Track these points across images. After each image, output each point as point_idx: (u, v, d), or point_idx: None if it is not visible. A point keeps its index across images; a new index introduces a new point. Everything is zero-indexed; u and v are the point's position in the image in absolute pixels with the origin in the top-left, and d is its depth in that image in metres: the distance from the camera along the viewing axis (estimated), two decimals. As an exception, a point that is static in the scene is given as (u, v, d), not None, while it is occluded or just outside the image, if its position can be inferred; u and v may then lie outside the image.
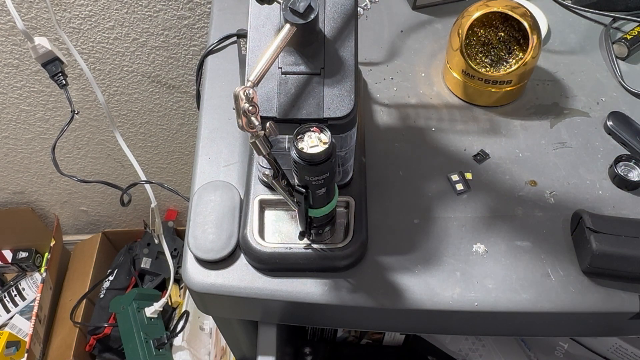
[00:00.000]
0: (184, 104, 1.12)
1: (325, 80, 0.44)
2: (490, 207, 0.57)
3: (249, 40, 0.45)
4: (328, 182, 0.43)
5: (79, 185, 1.37)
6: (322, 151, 0.39)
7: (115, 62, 1.01)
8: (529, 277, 0.52)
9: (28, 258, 1.52)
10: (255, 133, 0.38)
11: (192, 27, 0.95)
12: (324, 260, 0.51)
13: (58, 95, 1.08)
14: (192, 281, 0.53)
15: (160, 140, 1.23)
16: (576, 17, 0.73)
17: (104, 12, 0.91)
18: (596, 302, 0.51)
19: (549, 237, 0.55)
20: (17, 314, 1.45)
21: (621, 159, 0.58)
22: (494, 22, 0.62)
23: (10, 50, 0.97)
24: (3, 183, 1.35)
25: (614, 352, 0.84)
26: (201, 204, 0.55)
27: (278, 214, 0.54)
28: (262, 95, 0.44)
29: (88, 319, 1.35)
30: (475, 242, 0.54)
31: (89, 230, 1.57)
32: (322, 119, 0.43)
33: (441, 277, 0.52)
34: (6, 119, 1.13)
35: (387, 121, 0.63)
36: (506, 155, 0.60)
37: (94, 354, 1.34)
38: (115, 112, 1.12)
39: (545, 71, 0.67)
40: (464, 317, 0.52)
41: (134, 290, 1.25)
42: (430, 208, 0.56)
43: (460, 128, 0.63)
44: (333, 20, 0.45)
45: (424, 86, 0.66)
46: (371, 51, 0.69)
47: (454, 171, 0.59)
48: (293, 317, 0.57)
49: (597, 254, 0.49)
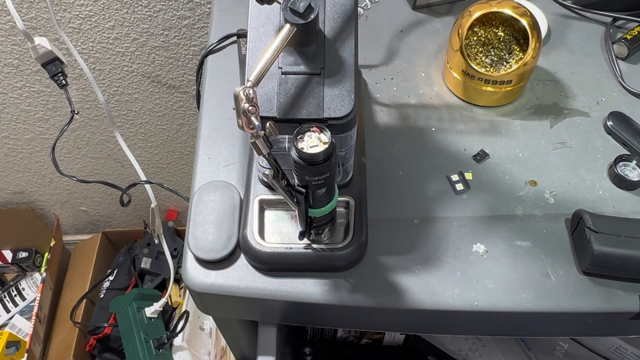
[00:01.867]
0: (184, 104, 1.12)
1: (325, 80, 0.44)
2: (490, 207, 0.57)
3: (249, 40, 0.45)
4: (328, 182, 0.43)
5: (79, 185, 1.37)
6: (322, 151, 0.39)
7: (115, 62, 1.01)
8: (529, 277, 0.52)
9: (28, 258, 1.52)
10: (255, 133, 0.38)
11: (192, 27, 0.95)
12: (324, 260, 0.51)
13: (58, 95, 1.08)
14: (192, 281, 0.53)
15: (160, 140, 1.23)
16: (576, 17, 0.73)
17: (104, 12, 0.91)
18: (596, 302, 0.51)
19: (549, 237, 0.55)
20: (17, 314, 1.45)
21: (621, 159, 0.58)
22: (494, 22, 0.62)
23: (10, 50, 0.97)
24: (3, 183, 1.35)
25: (614, 352, 0.84)
26: (201, 204, 0.55)
27: (278, 214, 0.54)
28: (262, 95, 0.44)
29: (88, 319, 1.35)
30: (475, 242, 0.54)
31: (89, 230, 1.57)
32: (322, 119, 0.43)
33: (441, 277, 0.52)
34: (6, 119, 1.13)
35: (387, 121, 0.63)
36: (506, 155, 0.60)
37: (94, 354, 1.34)
38: (115, 112, 1.12)
39: (545, 71, 0.67)
40: (464, 317, 0.52)
41: (134, 290, 1.25)
42: (430, 208, 0.56)
43: (460, 128, 0.63)
44: (333, 20, 0.45)
45: (424, 86, 0.66)
46: (371, 51, 0.69)
47: (454, 171, 0.59)
48: (293, 317, 0.57)
49: (597, 254, 0.49)
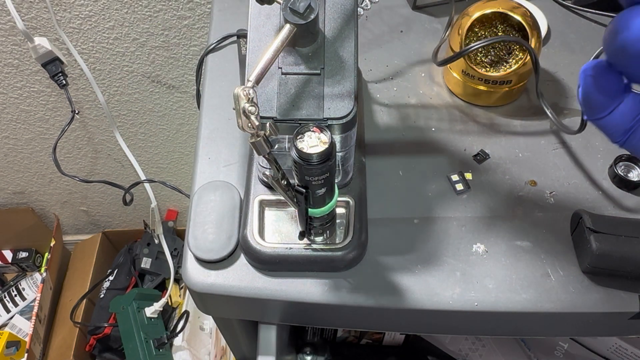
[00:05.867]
0: (184, 104, 1.12)
1: (325, 80, 0.44)
2: (490, 207, 0.57)
3: (249, 40, 0.45)
4: (328, 182, 0.43)
5: (79, 185, 1.37)
6: (322, 151, 0.39)
7: (115, 62, 1.01)
8: (529, 277, 0.52)
9: (28, 258, 1.52)
10: (256, 133, 0.38)
11: (192, 27, 0.95)
12: (323, 260, 0.51)
13: (58, 95, 1.08)
14: (192, 281, 0.53)
15: (160, 140, 1.23)
16: (576, 17, 0.73)
17: (104, 12, 0.91)
18: (596, 302, 0.51)
19: (549, 237, 0.55)
20: (17, 314, 1.46)
21: (621, 159, 0.58)
22: (494, 22, 0.62)
23: (10, 50, 0.97)
24: (3, 183, 1.35)
25: (614, 352, 0.84)
26: (201, 204, 0.55)
27: (278, 214, 0.54)
28: (262, 95, 0.44)
29: (88, 319, 1.35)
30: (475, 242, 0.54)
31: (89, 230, 1.58)
32: (322, 119, 0.43)
33: (441, 277, 0.52)
34: (6, 119, 1.13)
35: (387, 121, 0.63)
36: (506, 155, 0.60)
37: (94, 354, 1.34)
38: (115, 112, 1.12)
39: (545, 71, 0.67)
40: (464, 317, 0.52)
41: (134, 290, 1.25)
42: (430, 208, 0.56)
43: (460, 128, 0.63)
44: (333, 20, 0.45)
45: (424, 86, 0.66)
46: (371, 51, 0.69)
47: (454, 171, 0.59)
48: (293, 317, 0.57)
49: (597, 254, 0.49)
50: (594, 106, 0.31)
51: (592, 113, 0.31)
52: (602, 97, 0.30)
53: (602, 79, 0.30)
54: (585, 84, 0.30)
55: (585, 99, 0.31)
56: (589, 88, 0.30)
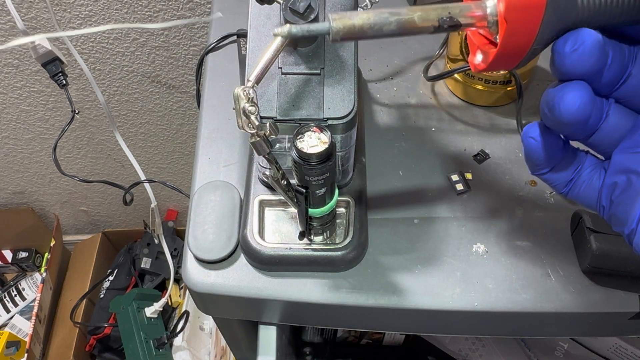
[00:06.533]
0: (184, 104, 1.12)
1: (325, 80, 0.44)
2: (490, 207, 0.57)
3: (249, 40, 0.45)
4: (328, 182, 0.43)
5: (79, 185, 1.37)
6: (322, 151, 0.39)
7: (115, 62, 1.01)
8: (529, 277, 0.52)
9: (28, 258, 1.52)
10: (255, 133, 0.38)
11: (192, 27, 0.95)
12: (323, 260, 0.51)
13: (58, 95, 1.08)
14: (192, 281, 0.53)
15: (160, 140, 1.23)
16: (576, 17, 0.73)
17: (104, 12, 0.91)
18: (596, 302, 0.51)
19: (549, 237, 0.55)
20: (17, 314, 1.46)
21: (621, 159, 0.58)
22: (494, 22, 0.62)
23: (10, 50, 0.97)
24: (3, 183, 1.35)
25: (614, 352, 0.84)
26: (201, 204, 0.55)
27: (278, 214, 0.54)
28: (262, 95, 0.44)
29: (88, 319, 1.35)
30: (475, 242, 0.54)
31: (89, 230, 1.58)
32: (322, 119, 0.43)
33: (441, 277, 0.52)
34: (6, 119, 1.13)
35: (387, 121, 0.63)
36: (506, 155, 0.60)
37: (94, 354, 1.35)
38: (115, 112, 1.12)
39: (546, 71, 0.67)
40: (464, 317, 0.52)
41: (134, 290, 1.25)
42: (430, 208, 0.56)
43: (460, 128, 0.63)
44: (333, 20, 0.45)
45: (424, 86, 0.66)
46: (371, 51, 0.69)
47: (454, 171, 0.59)
48: (293, 317, 0.57)
49: (597, 254, 0.49)
50: (537, 164, 0.33)
51: (536, 170, 0.34)
52: (543, 156, 0.32)
53: (543, 140, 0.32)
54: (527, 144, 0.33)
55: (528, 158, 0.33)
56: (531, 148, 0.32)
